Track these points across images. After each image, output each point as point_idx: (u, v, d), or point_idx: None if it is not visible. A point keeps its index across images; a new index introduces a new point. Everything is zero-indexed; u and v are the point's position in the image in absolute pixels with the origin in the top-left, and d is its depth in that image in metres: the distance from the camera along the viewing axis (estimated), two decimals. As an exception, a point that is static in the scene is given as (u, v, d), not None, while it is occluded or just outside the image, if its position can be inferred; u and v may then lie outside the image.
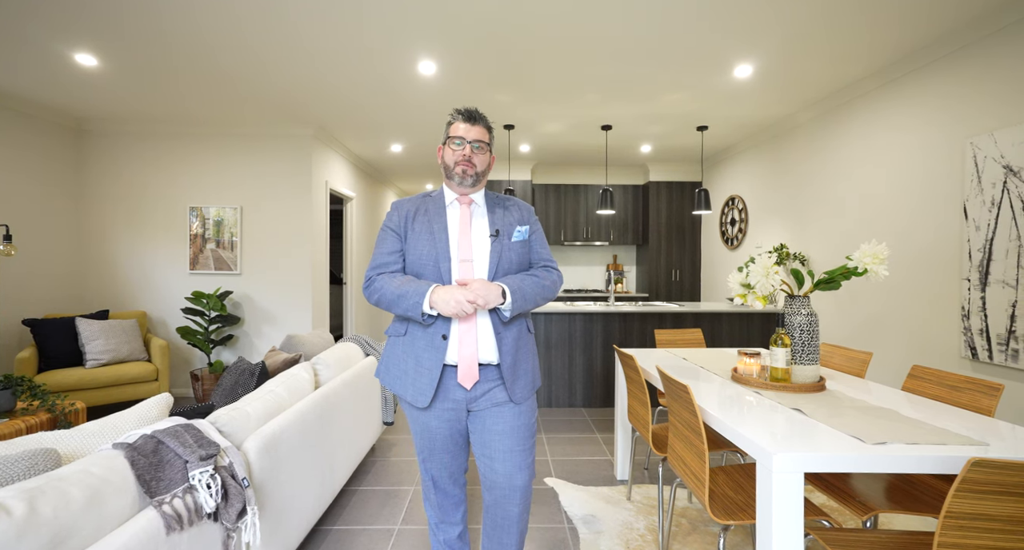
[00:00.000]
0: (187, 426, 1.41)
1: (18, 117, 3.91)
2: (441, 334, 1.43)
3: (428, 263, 1.46)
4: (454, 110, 1.51)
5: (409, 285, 1.40)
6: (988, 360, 2.59)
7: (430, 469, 1.58)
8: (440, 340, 1.43)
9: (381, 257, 1.51)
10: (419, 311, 1.37)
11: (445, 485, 1.60)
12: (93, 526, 1.02)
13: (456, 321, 1.43)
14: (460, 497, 1.65)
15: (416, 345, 1.46)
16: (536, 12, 2.57)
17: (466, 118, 1.49)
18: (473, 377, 1.44)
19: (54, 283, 4.26)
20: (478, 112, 1.50)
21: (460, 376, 1.44)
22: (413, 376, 1.47)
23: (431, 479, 1.60)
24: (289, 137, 4.64)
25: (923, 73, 3.04)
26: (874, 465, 1.25)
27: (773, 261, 1.95)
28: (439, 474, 1.58)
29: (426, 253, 1.46)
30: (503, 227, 1.52)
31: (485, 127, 1.51)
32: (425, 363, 1.44)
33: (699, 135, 4.95)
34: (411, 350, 1.47)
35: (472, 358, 1.43)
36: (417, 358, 1.46)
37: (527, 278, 1.48)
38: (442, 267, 1.45)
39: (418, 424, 1.53)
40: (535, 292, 1.46)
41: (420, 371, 1.45)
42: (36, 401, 2.66)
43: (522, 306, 1.43)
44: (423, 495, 1.67)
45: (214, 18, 2.61)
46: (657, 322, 4.16)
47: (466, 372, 1.44)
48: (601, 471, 2.84)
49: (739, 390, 1.90)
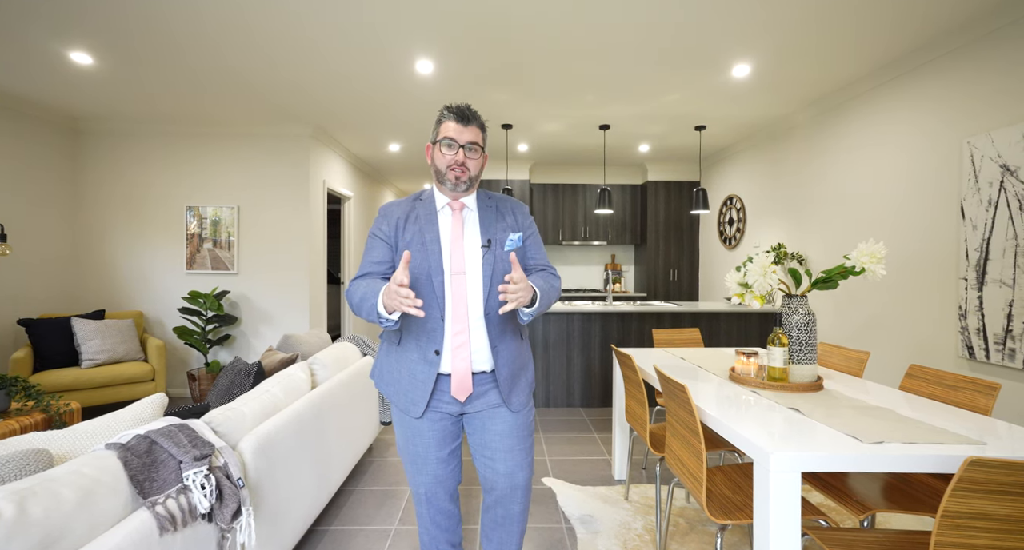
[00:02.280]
0: (181, 426, 1.40)
1: (13, 116, 3.89)
2: (434, 349, 1.38)
3: (421, 276, 1.37)
4: (444, 108, 1.38)
5: (370, 287, 1.30)
6: (985, 359, 2.59)
7: (421, 482, 1.48)
8: (433, 355, 1.39)
9: (367, 266, 1.43)
10: (376, 314, 1.26)
11: (439, 500, 1.51)
12: (85, 527, 1.01)
13: (448, 336, 1.38)
14: (456, 514, 1.56)
15: (409, 358, 1.42)
16: (534, 11, 2.57)
17: (458, 118, 1.36)
18: (467, 390, 1.41)
19: (50, 283, 4.24)
20: (471, 110, 1.37)
21: (454, 389, 1.41)
22: (407, 387, 1.43)
23: (423, 494, 1.49)
24: (287, 136, 4.63)
25: (920, 73, 3.04)
26: (871, 464, 1.25)
27: (771, 260, 1.94)
28: (434, 490, 1.49)
29: (419, 266, 1.38)
30: (495, 236, 1.44)
31: (479, 127, 1.39)
32: (419, 376, 1.41)
33: (697, 135, 4.95)
34: (404, 362, 1.43)
35: (466, 372, 1.40)
36: (411, 370, 1.42)
37: (546, 280, 1.42)
38: (435, 280, 1.37)
39: (407, 428, 1.46)
40: (549, 297, 1.40)
41: (414, 383, 1.42)
42: (31, 401, 2.65)
43: (541, 310, 1.38)
44: (416, 516, 1.56)
45: (211, 17, 2.60)
46: (655, 322, 4.16)
47: (459, 385, 1.40)
48: (599, 471, 2.84)
49: (737, 390, 1.90)
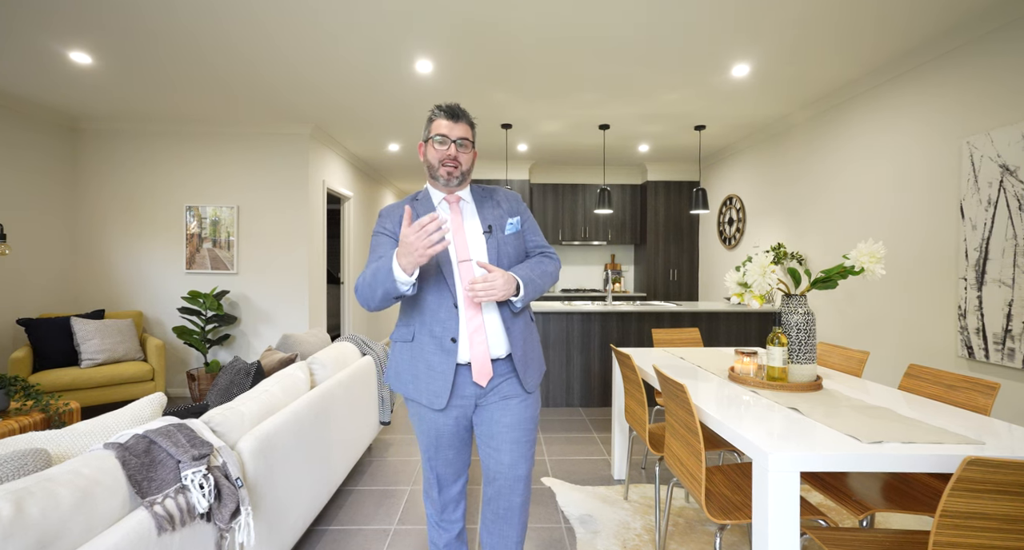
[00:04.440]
0: (180, 426, 1.40)
1: (12, 116, 3.88)
2: (450, 337, 1.42)
3: (429, 267, 1.43)
4: (435, 106, 1.48)
5: (379, 262, 1.35)
6: (984, 359, 2.59)
7: (435, 466, 1.58)
8: (450, 343, 1.43)
9: (374, 261, 1.46)
10: (392, 279, 1.28)
11: (448, 482, 1.61)
12: (83, 527, 1.01)
13: (464, 321, 1.43)
14: (462, 493, 1.66)
15: (425, 350, 1.46)
16: (534, 11, 2.57)
17: (448, 115, 1.45)
18: (488, 374, 1.45)
19: (49, 283, 4.23)
20: (460, 108, 1.48)
21: (475, 374, 1.44)
22: (426, 380, 1.46)
23: (435, 476, 1.60)
24: (286, 136, 4.63)
25: (920, 72, 3.04)
26: (870, 464, 1.25)
27: (770, 260, 1.94)
28: (444, 471, 1.59)
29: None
30: (495, 221, 1.52)
31: (468, 123, 1.49)
32: (437, 367, 1.44)
33: (697, 135, 4.95)
34: (420, 355, 1.47)
35: (485, 355, 1.44)
36: (428, 362, 1.45)
37: (534, 267, 1.49)
38: (444, 270, 1.44)
39: (426, 423, 1.52)
40: (542, 281, 1.48)
41: (432, 375, 1.45)
42: (30, 401, 2.65)
43: (531, 296, 1.45)
44: (424, 492, 1.67)
45: (211, 17, 2.60)
46: (655, 321, 4.16)
47: (480, 370, 1.44)
48: (598, 471, 2.84)
49: (736, 389, 1.89)
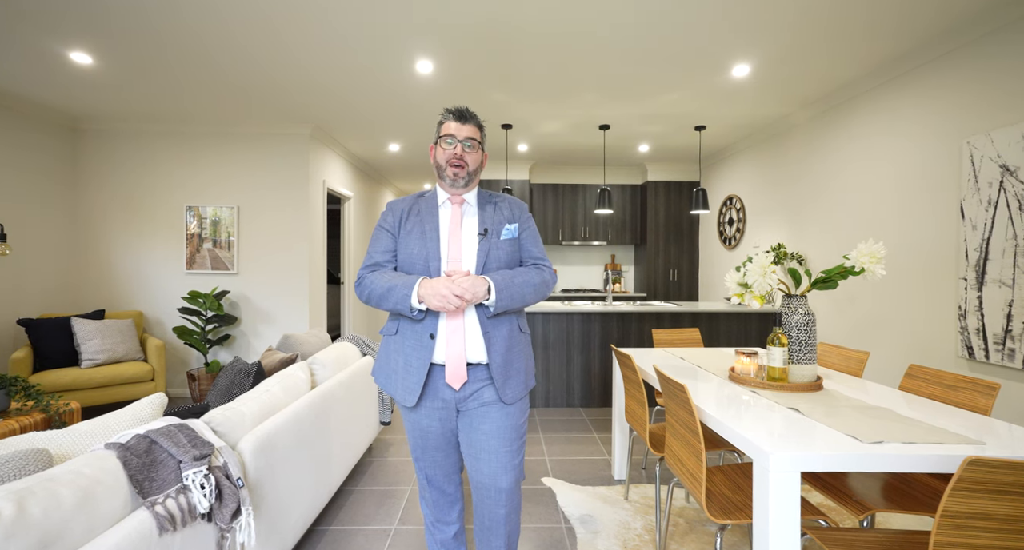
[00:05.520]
0: (181, 426, 1.40)
1: (13, 116, 3.88)
2: (429, 333, 1.42)
3: (418, 262, 1.47)
4: (445, 109, 1.52)
5: (398, 279, 1.40)
6: (985, 359, 2.59)
7: (423, 467, 1.58)
8: (428, 339, 1.42)
9: (375, 256, 1.52)
10: (408, 304, 1.36)
11: (439, 483, 1.60)
12: (84, 527, 1.01)
13: (444, 320, 1.42)
14: (456, 495, 1.65)
15: (405, 344, 1.46)
16: (534, 11, 2.57)
17: (457, 117, 1.49)
18: (461, 377, 1.42)
19: (49, 283, 4.23)
20: (468, 110, 1.50)
21: (448, 376, 1.42)
22: (402, 375, 1.46)
23: (425, 477, 1.60)
24: (286, 136, 4.63)
25: (920, 73, 3.04)
26: (871, 464, 1.25)
27: (770, 260, 1.94)
28: (432, 472, 1.58)
29: (416, 252, 1.47)
30: (492, 225, 1.52)
31: (476, 125, 1.52)
32: (413, 362, 1.44)
33: (697, 135, 4.95)
34: (401, 348, 1.47)
35: (460, 358, 1.42)
36: (406, 357, 1.46)
37: (517, 274, 1.46)
38: (431, 266, 1.45)
39: (410, 422, 1.53)
40: (523, 290, 1.43)
41: (408, 370, 1.45)
42: (30, 401, 2.65)
43: (508, 303, 1.40)
44: (419, 493, 1.67)
45: (211, 18, 2.60)
46: (655, 322, 4.16)
47: (453, 372, 1.42)
48: (598, 471, 2.84)
49: (736, 389, 1.90)
